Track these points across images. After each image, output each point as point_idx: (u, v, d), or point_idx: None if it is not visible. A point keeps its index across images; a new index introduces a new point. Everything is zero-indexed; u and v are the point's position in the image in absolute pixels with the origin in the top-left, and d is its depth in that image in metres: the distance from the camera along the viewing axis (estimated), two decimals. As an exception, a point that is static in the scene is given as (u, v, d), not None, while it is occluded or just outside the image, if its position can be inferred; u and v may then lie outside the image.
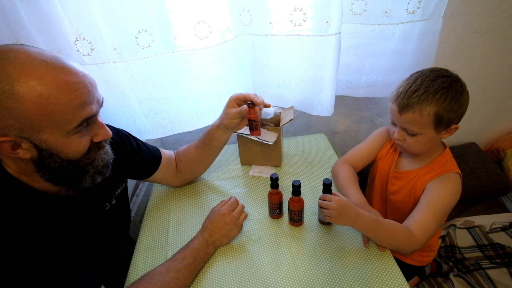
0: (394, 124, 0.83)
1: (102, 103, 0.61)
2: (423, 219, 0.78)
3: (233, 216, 0.82)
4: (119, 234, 0.85)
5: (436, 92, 0.73)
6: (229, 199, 0.86)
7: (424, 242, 0.77)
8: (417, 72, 0.79)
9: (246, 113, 0.86)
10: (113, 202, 0.79)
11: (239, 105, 0.87)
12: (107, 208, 0.77)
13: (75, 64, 0.55)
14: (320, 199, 0.79)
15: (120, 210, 0.83)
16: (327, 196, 0.77)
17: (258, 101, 0.84)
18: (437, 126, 0.76)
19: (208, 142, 0.94)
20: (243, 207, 0.86)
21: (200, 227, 0.83)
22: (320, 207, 0.78)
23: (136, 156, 0.85)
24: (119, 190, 0.82)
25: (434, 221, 0.78)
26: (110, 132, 0.63)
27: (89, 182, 0.63)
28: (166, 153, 0.96)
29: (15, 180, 0.58)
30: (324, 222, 0.86)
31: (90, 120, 0.58)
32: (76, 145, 0.57)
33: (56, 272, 0.55)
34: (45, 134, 0.53)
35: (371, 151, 0.99)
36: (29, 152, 0.54)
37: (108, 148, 0.66)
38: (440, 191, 0.80)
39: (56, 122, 0.52)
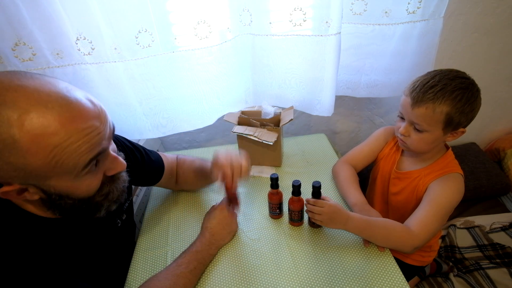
0: (401, 118, 0.83)
1: (113, 131, 0.55)
2: (423, 216, 0.78)
3: (229, 209, 0.82)
4: (127, 246, 0.85)
5: (452, 91, 0.72)
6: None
7: (425, 238, 0.76)
8: (435, 70, 0.78)
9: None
10: (124, 217, 0.78)
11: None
12: (119, 225, 0.76)
13: (83, 99, 0.48)
14: (310, 203, 0.79)
15: (129, 224, 0.83)
16: (319, 202, 0.78)
17: (230, 185, 0.74)
18: (446, 126, 0.76)
19: (206, 176, 0.87)
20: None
21: (200, 227, 0.83)
22: (310, 211, 0.79)
23: (140, 168, 0.81)
24: (127, 204, 0.80)
25: (435, 218, 0.78)
26: (124, 163, 0.57)
27: (104, 213, 0.59)
28: (169, 161, 0.92)
29: (19, 209, 0.54)
30: (315, 225, 0.86)
31: (100, 157, 0.52)
32: (88, 185, 0.53)
33: None
34: (52, 181, 0.48)
35: (372, 151, 0.99)
36: (37, 194, 0.50)
37: (123, 173, 0.60)
38: (442, 190, 0.80)
39: (62, 170, 0.47)
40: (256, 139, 0.99)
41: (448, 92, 0.72)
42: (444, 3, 0.98)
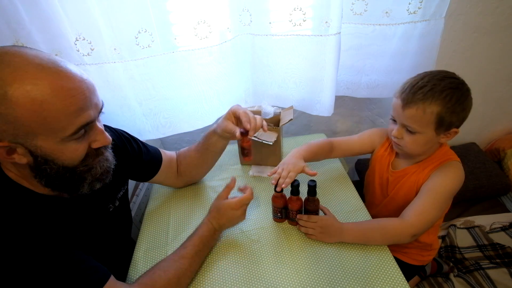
0: (394, 121, 0.83)
1: (101, 108, 0.59)
2: (419, 204, 0.79)
3: (243, 209, 0.82)
4: (121, 237, 0.85)
5: (442, 91, 0.73)
6: (243, 194, 0.82)
7: (422, 225, 0.77)
8: (425, 72, 0.79)
9: (239, 139, 0.82)
10: (117, 204, 0.79)
11: (236, 119, 0.84)
12: (111, 209, 0.77)
13: (73, 68, 0.54)
14: (303, 219, 0.81)
15: (123, 212, 0.84)
16: (312, 217, 0.79)
17: (249, 128, 0.79)
18: (438, 127, 0.76)
19: (206, 147, 0.92)
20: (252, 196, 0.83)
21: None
22: (303, 226, 0.81)
23: (137, 159, 0.85)
24: (121, 192, 0.82)
25: (432, 206, 0.78)
26: (109, 138, 0.60)
27: (88, 189, 0.62)
28: (167, 154, 0.95)
29: (16, 184, 0.58)
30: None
31: (88, 127, 0.56)
32: (72, 152, 0.55)
33: (63, 267, 0.56)
34: (39, 140, 0.52)
35: (360, 145, 0.99)
36: (24, 157, 0.53)
37: (108, 154, 0.64)
38: (440, 178, 0.81)
39: (50, 129, 0.51)
40: (256, 139, 0.99)
41: (438, 92, 0.73)
42: (445, 3, 0.98)
